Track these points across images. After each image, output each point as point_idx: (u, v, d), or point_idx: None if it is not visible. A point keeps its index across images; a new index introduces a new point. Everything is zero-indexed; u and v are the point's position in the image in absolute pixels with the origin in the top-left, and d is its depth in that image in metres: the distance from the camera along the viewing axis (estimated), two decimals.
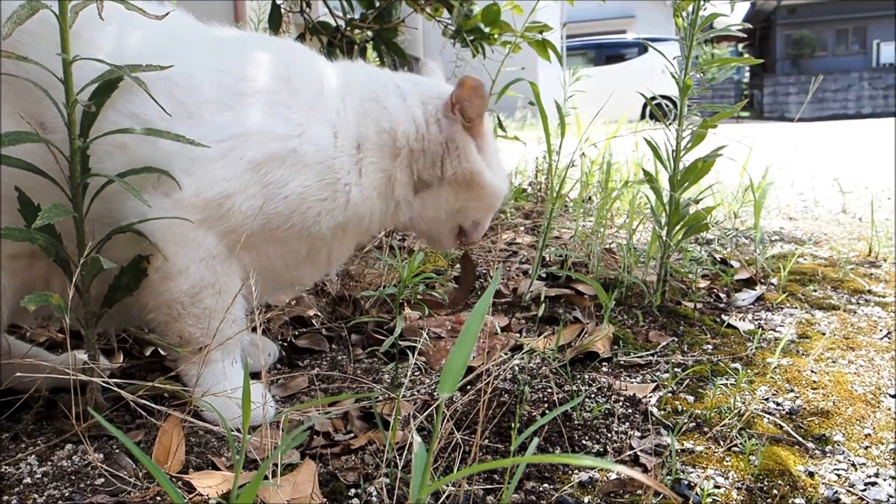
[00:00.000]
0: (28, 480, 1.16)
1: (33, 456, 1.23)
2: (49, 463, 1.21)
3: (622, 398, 1.42)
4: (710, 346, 1.72)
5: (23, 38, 1.18)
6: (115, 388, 1.17)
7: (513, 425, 1.25)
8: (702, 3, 1.85)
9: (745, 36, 1.94)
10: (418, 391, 1.49)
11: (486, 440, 1.24)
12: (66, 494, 1.12)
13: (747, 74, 25.36)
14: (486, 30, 3.20)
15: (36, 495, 1.12)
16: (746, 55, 24.48)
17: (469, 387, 1.42)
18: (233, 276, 1.35)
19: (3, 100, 1.20)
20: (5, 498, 1.11)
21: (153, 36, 1.32)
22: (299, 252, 1.44)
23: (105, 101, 1.19)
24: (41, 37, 1.18)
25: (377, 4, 3.14)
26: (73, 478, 1.17)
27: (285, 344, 1.74)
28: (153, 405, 1.21)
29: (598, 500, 1.08)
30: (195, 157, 1.26)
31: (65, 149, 1.16)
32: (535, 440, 1.07)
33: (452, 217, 1.61)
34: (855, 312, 1.98)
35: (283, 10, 3.14)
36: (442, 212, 1.58)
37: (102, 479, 1.15)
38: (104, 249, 1.23)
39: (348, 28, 3.12)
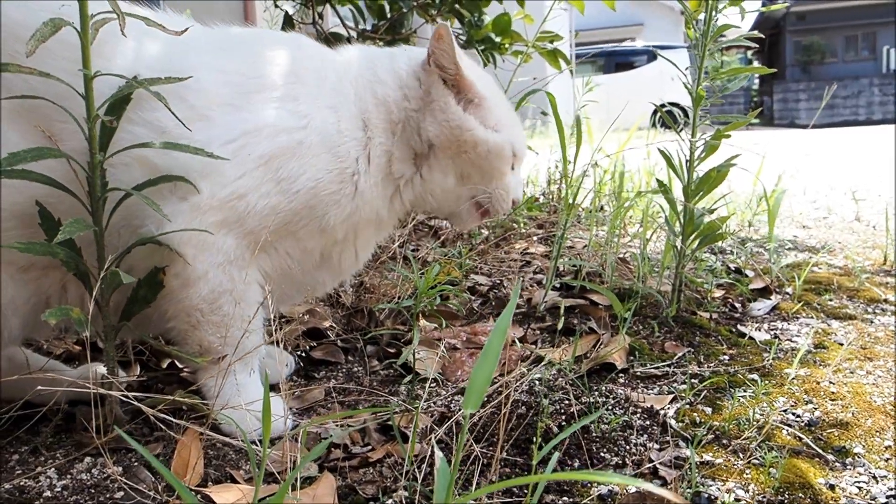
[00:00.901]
0: (48, 494, 1.17)
1: (53, 469, 1.24)
2: (68, 476, 1.22)
3: (640, 410, 1.41)
4: (726, 357, 1.72)
5: (21, 48, 1.20)
6: (135, 402, 1.17)
7: (532, 438, 1.25)
8: (714, 13, 1.85)
9: (757, 45, 1.94)
10: (435, 403, 1.49)
11: (505, 452, 1.24)
12: None
13: (756, 81, 25.28)
14: (497, 39, 3.21)
15: None
16: (755, 62, 24.45)
17: (487, 399, 1.42)
18: (251, 284, 1.35)
19: (4, 116, 1.22)
20: None
21: (160, 42, 1.33)
22: (313, 254, 1.44)
23: (121, 114, 1.20)
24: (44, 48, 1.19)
25: (389, 15, 3.16)
26: (93, 491, 1.17)
27: (301, 355, 1.75)
28: (172, 419, 1.21)
29: None
30: (209, 159, 1.25)
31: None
32: (556, 454, 1.07)
33: (459, 188, 1.55)
34: (872, 322, 1.97)
35: (295, 22, 3.16)
36: (444, 184, 1.52)
37: (122, 493, 1.15)
38: (124, 257, 1.24)
39: (360, 39, 3.13)
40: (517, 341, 1.78)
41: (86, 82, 1.13)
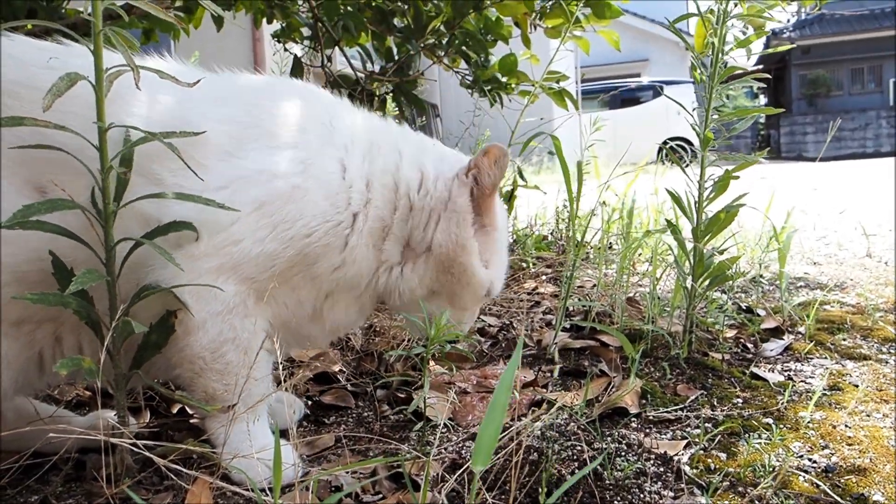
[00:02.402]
0: None
1: None
2: None
3: (653, 456, 1.40)
4: (740, 400, 1.70)
5: (13, 103, 1.22)
6: (145, 452, 1.17)
7: (542, 486, 1.23)
8: (720, 55, 1.87)
9: (764, 85, 1.95)
10: (446, 449, 1.47)
11: (517, 502, 1.23)
12: None
13: (763, 115, 25.40)
14: (504, 79, 3.24)
15: None
16: (761, 95, 24.58)
17: (498, 447, 1.40)
18: (255, 332, 1.35)
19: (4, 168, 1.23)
20: None
21: (163, 94, 1.33)
22: (306, 305, 1.42)
23: (131, 166, 1.21)
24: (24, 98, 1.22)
25: (397, 57, 3.20)
26: None
27: (310, 401, 1.74)
28: (182, 468, 1.21)
29: None
30: (203, 206, 1.23)
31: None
32: None
33: (424, 302, 1.53)
34: (887, 362, 1.95)
35: (304, 64, 3.20)
36: (415, 291, 1.50)
37: None
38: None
39: (368, 81, 3.17)
40: (526, 384, 1.77)
41: (100, 134, 1.14)
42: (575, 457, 1.38)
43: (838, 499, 1.24)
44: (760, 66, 1.96)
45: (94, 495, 1.28)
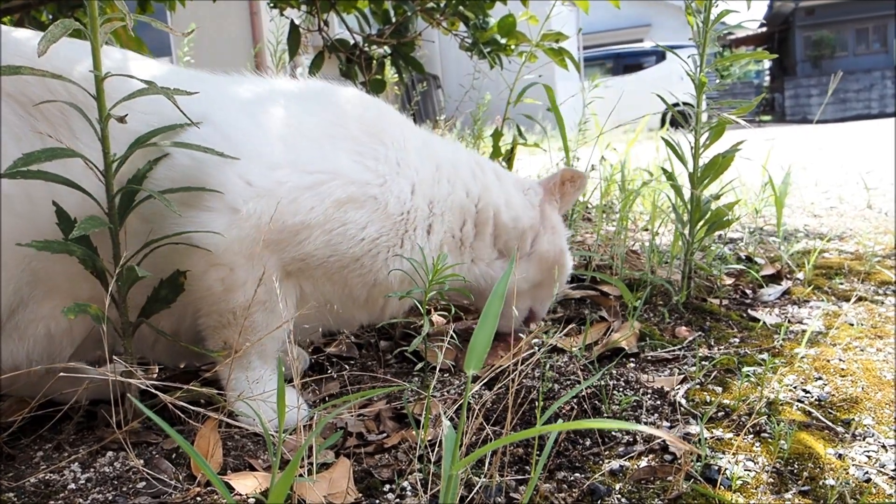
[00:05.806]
0: (72, 486, 1.19)
1: (76, 463, 1.26)
2: (92, 469, 1.24)
3: (650, 390, 1.43)
4: (736, 340, 1.73)
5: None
6: (155, 392, 1.20)
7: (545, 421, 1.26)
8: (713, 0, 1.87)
9: (764, 29, 1.94)
10: (448, 392, 1.51)
11: (514, 431, 1.26)
12: (110, 498, 1.15)
13: (767, 78, 25.18)
14: (503, 41, 3.24)
15: (80, 500, 1.15)
16: (766, 61, 24.30)
17: (497, 384, 1.44)
18: (285, 298, 1.40)
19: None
20: (51, 503, 1.15)
21: (254, 92, 1.49)
22: (358, 298, 1.51)
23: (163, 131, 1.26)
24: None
25: (393, 20, 3.19)
26: (116, 482, 1.20)
27: (315, 351, 1.77)
28: (190, 406, 1.24)
29: (630, 487, 1.10)
30: (281, 180, 1.32)
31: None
32: (562, 422, 1.09)
33: (529, 292, 1.76)
34: (882, 303, 1.97)
35: (301, 30, 3.20)
36: (523, 283, 1.71)
37: (144, 483, 1.18)
38: (161, 264, 1.28)
39: (366, 44, 3.17)
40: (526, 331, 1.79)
41: (97, 83, 1.16)
42: (574, 394, 1.40)
43: (830, 423, 1.27)
44: (764, 29, 1.94)
45: (105, 440, 1.32)
